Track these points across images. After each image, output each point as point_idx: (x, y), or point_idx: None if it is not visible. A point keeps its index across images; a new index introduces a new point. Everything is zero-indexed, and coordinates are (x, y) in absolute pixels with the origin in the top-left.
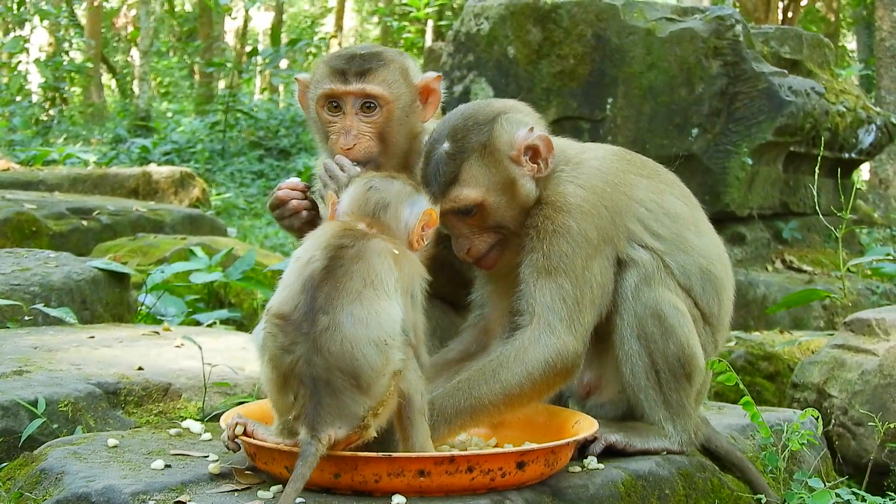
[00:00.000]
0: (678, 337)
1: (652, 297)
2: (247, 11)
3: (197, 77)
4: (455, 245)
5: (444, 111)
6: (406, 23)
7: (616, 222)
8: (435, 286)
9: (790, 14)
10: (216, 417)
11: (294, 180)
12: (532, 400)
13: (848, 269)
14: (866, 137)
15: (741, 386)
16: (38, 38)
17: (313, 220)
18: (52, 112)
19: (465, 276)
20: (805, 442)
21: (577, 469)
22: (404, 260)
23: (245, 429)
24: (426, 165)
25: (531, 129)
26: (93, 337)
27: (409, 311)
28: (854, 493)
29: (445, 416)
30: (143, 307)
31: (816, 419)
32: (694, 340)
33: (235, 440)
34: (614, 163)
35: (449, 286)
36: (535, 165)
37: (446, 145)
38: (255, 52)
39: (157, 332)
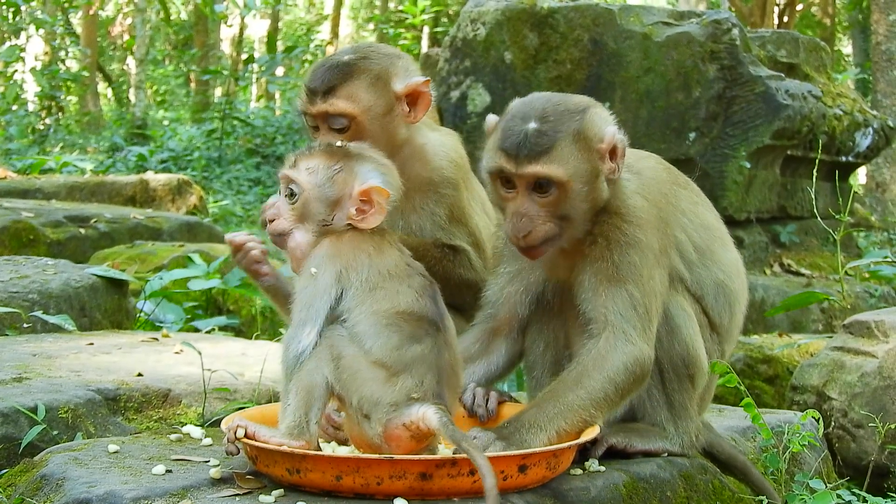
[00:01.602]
0: (683, 337)
1: None
2: (242, 19)
3: (193, 85)
4: (513, 225)
5: (440, 114)
6: (402, 29)
7: (667, 233)
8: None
9: (786, 18)
10: (216, 423)
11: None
12: (616, 404)
13: (846, 273)
14: (863, 141)
15: (742, 388)
16: (34, 47)
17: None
18: (48, 121)
19: (465, 279)
20: (806, 444)
21: (579, 471)
22: None
23: (246, 431)
24: (508, 138)
25: (617, 127)
26: (92, 344)
27: None
28: (855, 494)
29: (540, 425)
30: (142, 314)
31: (817, 421)
32: (698, 342)
33: (235, 443)
34: (663, 172)
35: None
36: (613, 165)
37: (535, 123)
38: (251, 59)
39: (156, 339)
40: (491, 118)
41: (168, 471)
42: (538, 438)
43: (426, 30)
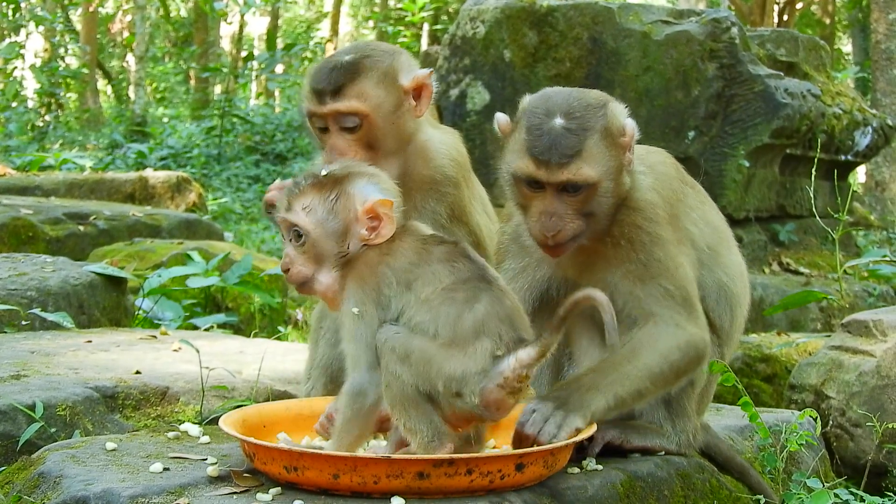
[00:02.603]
0: None
1: None
2: (242, 16)
3: (193, 82)
4: (541, 223)
5: (439, 112)
6: (401, 27)
7: (679, 226)
8: None
9: (786, 17)
10: (214, 421)
11: (279, 182)
12: (671, 383)
13: (845, 272)
14: (862, 140)
15: (740, 387)
16: (34, 43)
17: None
18: (47, 118)
19: None
20: (803, 443)
21: (576, 470)
22: None
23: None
24: (536, 137)
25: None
26: (90, 341)
27: None
28: (852, 494)
29: (599, 388)
30: (141, 311)
31: (815, 420)
32: None
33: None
34: (672, 168)
35: None
36: (630, 157)
37: (562, 121)
38: (250, 56)
39: (155, 337)
40: (501, 117)
41: (165, 469)
42: (596, 401)
43: (426, 27)
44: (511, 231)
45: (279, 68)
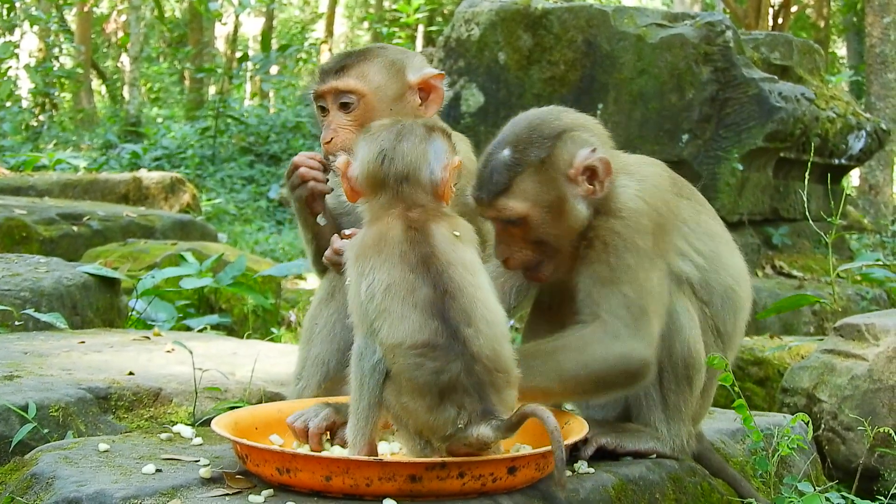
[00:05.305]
0: (685, 336)
1: None
2: (237, 17)
3: (187, 83)
4: (496, 251)
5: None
6: (396, 29)
7: (665, 239)
8: None
9: (780, 20)
10: (207, 422)
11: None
12: (589, 393)
13: (838, 275)
14: (856, 143)
15: (736, 388)
16: (28, 43)
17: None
18: (42, 118)
19: None
20: (795, 447)
21: (568, 473)
22: (464, 234)
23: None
24: (483, 168)
25: (594, 149)
26: (83, 342)
27: None
28: (844, 497)
29: None
30: (134, 312)
31: (807, 424)
32: (700, 345)
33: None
34: (665, 181)
35: None
36: (591, 187)
37: (506, 153)
38: (245, 57)
39: (148, 338)
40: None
41: (158, 470)
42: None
43: (420, 29)
44: None
45: (274, 69)
